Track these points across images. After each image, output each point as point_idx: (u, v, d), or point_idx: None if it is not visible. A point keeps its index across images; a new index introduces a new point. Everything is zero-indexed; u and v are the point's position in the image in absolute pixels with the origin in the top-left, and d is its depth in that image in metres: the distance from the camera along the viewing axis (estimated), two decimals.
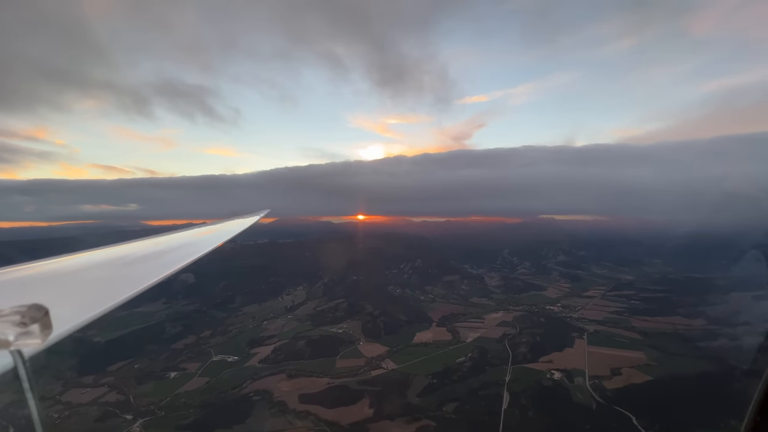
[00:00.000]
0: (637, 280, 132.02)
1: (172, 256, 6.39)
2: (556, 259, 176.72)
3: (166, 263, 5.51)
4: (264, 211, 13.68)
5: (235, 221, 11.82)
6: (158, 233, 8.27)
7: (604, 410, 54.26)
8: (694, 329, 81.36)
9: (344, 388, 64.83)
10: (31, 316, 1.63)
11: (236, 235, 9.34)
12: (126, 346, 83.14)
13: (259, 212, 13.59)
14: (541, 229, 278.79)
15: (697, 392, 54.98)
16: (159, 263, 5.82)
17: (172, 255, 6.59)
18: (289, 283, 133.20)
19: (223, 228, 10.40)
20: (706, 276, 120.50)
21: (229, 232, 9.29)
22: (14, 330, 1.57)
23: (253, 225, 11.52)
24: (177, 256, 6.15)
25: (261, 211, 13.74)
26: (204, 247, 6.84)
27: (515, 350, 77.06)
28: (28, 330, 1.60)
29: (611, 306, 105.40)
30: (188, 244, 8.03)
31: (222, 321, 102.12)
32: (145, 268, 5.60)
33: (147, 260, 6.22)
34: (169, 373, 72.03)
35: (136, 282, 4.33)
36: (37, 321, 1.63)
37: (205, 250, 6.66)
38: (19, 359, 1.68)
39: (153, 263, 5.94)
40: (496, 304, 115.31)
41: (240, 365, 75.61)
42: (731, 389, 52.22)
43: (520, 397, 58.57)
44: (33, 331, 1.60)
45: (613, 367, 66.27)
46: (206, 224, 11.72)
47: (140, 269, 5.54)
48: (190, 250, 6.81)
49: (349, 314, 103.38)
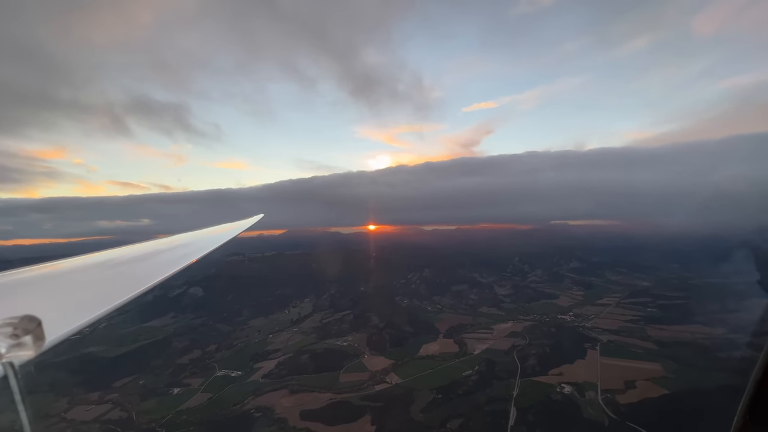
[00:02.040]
0: (654, 287, 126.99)
1: (167, 260, 6.44)
2: (569, 266, 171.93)
3: (162, 267, 5.53)
4: (258, 216, 13.65)
5: (230, 225, 12.03)
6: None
7: (616, 427, 51.41)
8: (714, 338, 77.20)
9: (346, 403, 63.41)
10: (24, 327, 1.59)
11: (230, 240, 9.36)
12: (133, 362, 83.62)
13: (253, 218, 13.64)
14: (553, 236, 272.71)
15: (716, 406, 51.55)
16: (154, 266, 5.89)
17: (168, 258, 6.66)
18: (296, 296, 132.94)
19: (219, 232, 10.54)
20: (726, 281, 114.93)
21: (223, 236, 9.32)
22: (6, 342, 1.54)
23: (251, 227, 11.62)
24: (172, 260, 6.23)
25: (255, 217, 13.77)
26: (200, 251, 6.97)
27: (524, 362, 74.40)
28: (20, 342, 1.56)
29: (626, 314, 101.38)
30: (184, 246, 8.17)
31: (228, 335, 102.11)
32: (141, 271, 5.64)
33: (142, 263, 6.29)
34: (173, 389, 71.87)
35: (131, 286, 4.32)
36: (30, 332, 1.59)
37: (200, 254, 6.78)
38: (10, 371, 1.63)
39: (148, 267, 5.99)
40: (506, 313, 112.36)
41: (243, 380, 74.97)
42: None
43: (527, 414, 56.10)
44: (25, 343, 1.57)
45: (628, 380, 63.09)
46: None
47: (135, 273, 5.59)
48: (186, 253, 6.93)
49: (354, 326, 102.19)
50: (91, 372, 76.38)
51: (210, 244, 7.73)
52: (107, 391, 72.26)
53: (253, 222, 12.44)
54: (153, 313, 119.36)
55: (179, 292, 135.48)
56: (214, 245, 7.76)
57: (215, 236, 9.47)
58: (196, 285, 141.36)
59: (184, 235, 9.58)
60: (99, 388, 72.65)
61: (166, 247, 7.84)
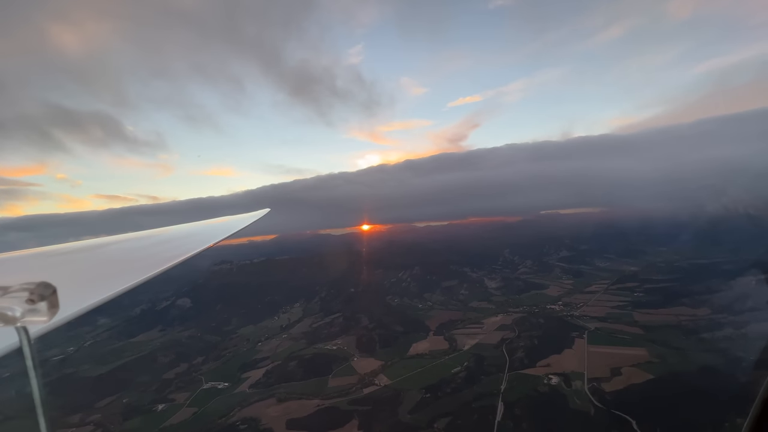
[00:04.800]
0: (642, 271, 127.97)
1: (173, 249, 6.40)
2: (558, 255, 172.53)
3: (168, 256, 5.44)
4: (264, 210, 13.42)
5: (236, 217, 12.01)
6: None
7: (602, 416, 51.31)
8: (698, 319, 77.84)
9: (334, 409, 62.52)
10: (39, 293, 1.60)
11: (236, 232, 9.27)
12: (116, 379, 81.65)
13: (259, 211, 13.50)
14: (543, 226, 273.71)
15: (700, 389, 51.85)
16: (161, 255, 5.83)
17: (174, 247, 6.64)
18: (286, 301, 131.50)
19: (225, 224, 10.56)
20: (712, 261, 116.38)
21: (229, 228, 9.23)
22: (21, 306, 1.55)
23: (255, 223, 11.44)
24: (179, 249, 6.12)
25: (262, 211, 13.60)
26: (206, 242, 6.85)
27: (513, 355, 74.20)
28: (35, 307, 1.56)
29: (614, 300, 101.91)
30: (191, 236, 8.25)
31: (216, 345, 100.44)
32: (148, 258, 5.60)
33: (149, 251, 6.30)
34: (157, 406, 70.24)
35: (139, 272, 4.27)
36: (45, 299, 1.60)
37: (207, 244, 6.66)
38: (24, 337, 1.65)
39: (156, 254, 5.95)
40: (496, 306, 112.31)
41: (230, 392, 73.62)
42: (737, 383, 49.18)
43: (514, 408, 55.77)
44: (40, 309, 1.57)
45: (614, 367, 63.13)
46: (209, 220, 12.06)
47: (143, 260, 5.53)
48: (192, 242, 6.90)
49: (344, 329, 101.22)
50: (72, 393, 74.22)
51: (218, 235, 7.60)
52: (89, 411, 70.28)
53: (259, 216, 12.17)
54: (140, 327, 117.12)
55: (167, 305, 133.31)
56: (222, 236, 7.64)
57: (224, 228, 9.46)
58: (184, 296, 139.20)
59: (192, 224, 9.61)
60: (80, 410, 70.58)
61: (177, 237, 7.82)
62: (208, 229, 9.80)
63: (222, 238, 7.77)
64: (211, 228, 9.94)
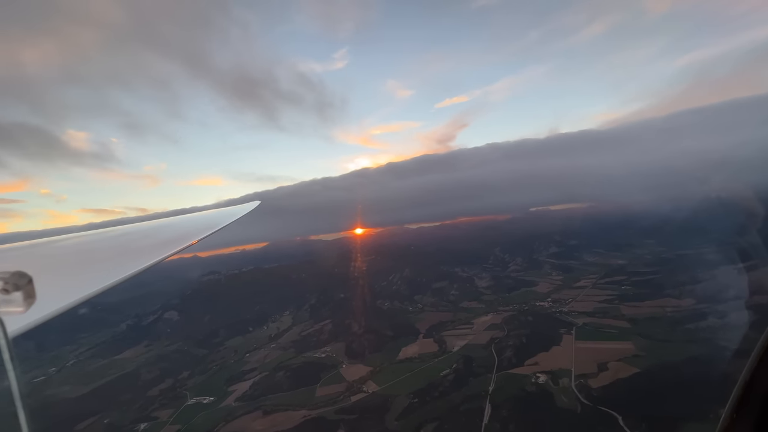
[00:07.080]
0: (629, 264, 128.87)
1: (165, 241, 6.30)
2: (548, 252, 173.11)
3: (159, 248, 5.30)
4: (254, 203, 12.92)
5: (225, 210, 11.71)
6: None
7: (588, 413, 50.92)
8: (683, 310, 78.24)
9: (320, 420, 61.24)
10: (14, 283, 1.50)
11: (227, 225, 9.01)
12: (98, 399, 79.22)
13: (249, 204, 13.07)
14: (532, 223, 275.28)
15: (684, 380, 51.79)
16: (152, 247, 5.73)
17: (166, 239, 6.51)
18: (275, 310, 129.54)
19: (215, 216, 10.31)
20: (696, 252, 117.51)
21: (220, 221, 9.05)
22: None
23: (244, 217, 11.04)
24: (170, 241, 6.04)
25: (251, 203, 13.11)
26: (197, 234, 6.78)
27: (501, 355, 73.67)
28: (9, 298, 1.48)
29: (601, 295, 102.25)
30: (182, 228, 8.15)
31: (203, 359, 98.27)
32: (139, 251, 5.47)
33: (140, 243, 6.18)
34: (139, 425, 68.17)
35: (129, 265, 4.09)
36: (20, 289, 1.51)
37: (198, 237, 6.59)
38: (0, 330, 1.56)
39: (146, 247, 5.83)
40: (486, 306, 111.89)
41: (215, 406, 71.80)
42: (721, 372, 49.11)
43: (501, 409, 55.14)
44: (15, 299, 1.49)
45: (601, 362, 62.89)
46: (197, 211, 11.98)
47: (133, 252, 5.41)
48: (183, 235, 6.85)
49: (333, 336, 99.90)
50: (50, 417, 71.70)
51: (208, 229, 7.44)
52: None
53: (249, 209, 11.65)
54: (126, 343, 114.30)
55: (153, 319, 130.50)
56: (212, 230, 7.44)
57: (214, 220, 9.23)
58: (171, 309, 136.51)
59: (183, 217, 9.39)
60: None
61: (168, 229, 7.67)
62: (195, 221, 9.46)
63: (211, 232, 7.43)
64: (199, 220, 9.61)
